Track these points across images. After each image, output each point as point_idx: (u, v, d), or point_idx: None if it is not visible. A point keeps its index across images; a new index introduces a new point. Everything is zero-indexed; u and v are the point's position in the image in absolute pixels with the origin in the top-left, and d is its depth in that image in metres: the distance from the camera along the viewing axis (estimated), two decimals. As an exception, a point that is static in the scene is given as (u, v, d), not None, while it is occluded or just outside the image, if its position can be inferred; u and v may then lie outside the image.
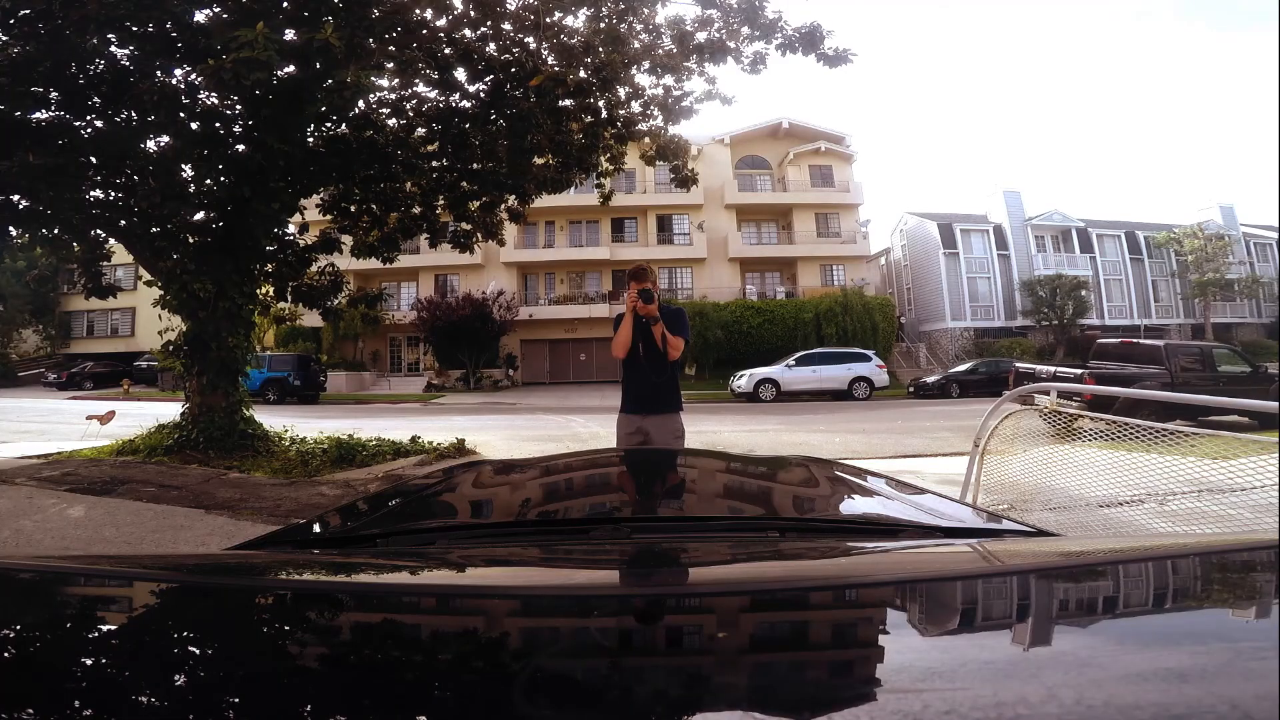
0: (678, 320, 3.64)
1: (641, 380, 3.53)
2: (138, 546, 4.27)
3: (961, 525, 1.25)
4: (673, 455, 2.32)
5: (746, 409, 18.08)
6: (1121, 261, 34.52)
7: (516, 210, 10.55)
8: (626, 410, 3.61)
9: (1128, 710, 0.38)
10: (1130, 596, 0.72)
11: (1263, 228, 36.12)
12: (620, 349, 3.57)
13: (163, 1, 5.79)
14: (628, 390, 3.62)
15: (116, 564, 0.99)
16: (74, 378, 28.08)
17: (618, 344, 3.59)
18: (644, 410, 3.54)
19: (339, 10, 6.13)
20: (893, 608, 0.68)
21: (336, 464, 7.56)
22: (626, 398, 3.63)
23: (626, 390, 3.63)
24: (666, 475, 1.90)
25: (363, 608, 0.72)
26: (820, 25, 7.21)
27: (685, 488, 1.79)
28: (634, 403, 3.58)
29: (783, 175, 31.58)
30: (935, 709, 0.38)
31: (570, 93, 7.63)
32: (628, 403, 3.61)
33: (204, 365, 8.07)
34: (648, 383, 3.52)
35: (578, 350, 30.08)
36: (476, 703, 0.46)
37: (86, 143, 6.94)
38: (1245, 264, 34.33)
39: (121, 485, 5.99)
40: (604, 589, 0.74)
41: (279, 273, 9.38)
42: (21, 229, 7.86)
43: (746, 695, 0.46)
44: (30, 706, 0.42)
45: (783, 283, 30.81)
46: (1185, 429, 3.87)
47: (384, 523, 1.37)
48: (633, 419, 3.55)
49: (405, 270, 27.79)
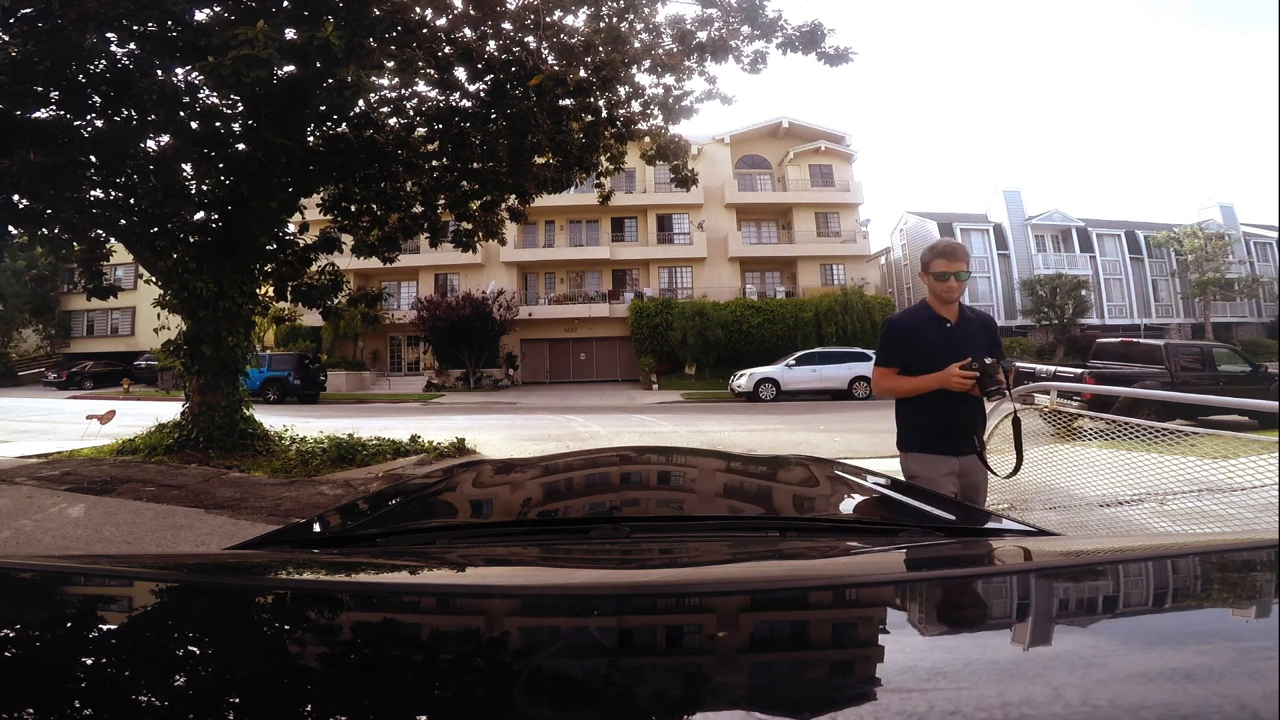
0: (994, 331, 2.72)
1: (953, 408, 2.53)
2: (138, 546, 4.27)
3: (961, 525, 1.25)
4: (672, 455, 2.32)
5: (746, 408, 18.07)
6: (1121, 261, 34.54)
7: (517, 210, 10.55)
8: (933, 448, 2.58)
9: (1134, 710, 0.38)
10: (1131, 596, 0.72)
11: (1263, 227, 36.13)
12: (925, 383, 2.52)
13: (162, 0, 5.78)
14: (930, 420, 2.57)
15: (116, 564, 0.99)
16: (74, 377, 28.07)
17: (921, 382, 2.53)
18: (959, 450, 2.56)
19: (339, 9, 6.12)
20: (893, 607, 0.68)
21: (336, 463, 7.56)
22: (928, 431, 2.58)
23: (923, 419, 2.58)
24: (666, 475, 1.90)
25: (363, 607, 0.72)
26: (821, 24, 7.23)
27: (685, 487, 1.79)
28: (944, 439, 2.56)
29: (783, 175, 31.57)
30: (940, 709, 0.38)
31: (570, 92, 7.63)
32: (933, 439, 2.58)
33: (204, 364, 8.07)
34: (961, 412, 2.55)
35: (578, 350, 30.08)
36: (476, 702, 0.46)
37: (87, 142, 6.94)
38: (1245, 263, 34.34)
39: (121, 485, 5.99)
40: (604, 588, 0.74)
41: (279, 272, 9.39)
42: (21, 228, 7.86)
43: (747, 695, 0.46)
44: (30, 706, 0.41)
45: (783, 282, 30.79)
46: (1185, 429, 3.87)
47: (384, 522, 1.37)
48: (948, 460, 2.55)
49: (405, 270, 27.78)
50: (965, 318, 2.62)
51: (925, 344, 2.57)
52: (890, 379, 2.66)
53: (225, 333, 8.10)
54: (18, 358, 33.44)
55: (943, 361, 2.47)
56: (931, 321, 2.60)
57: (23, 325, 34.46)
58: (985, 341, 2.60)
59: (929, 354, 2.54)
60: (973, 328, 2.61)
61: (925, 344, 2.57)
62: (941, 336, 2.56)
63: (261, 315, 9.87)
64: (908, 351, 2.60)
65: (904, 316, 2.74)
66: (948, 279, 2.52)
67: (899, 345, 2.64)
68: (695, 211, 29.99)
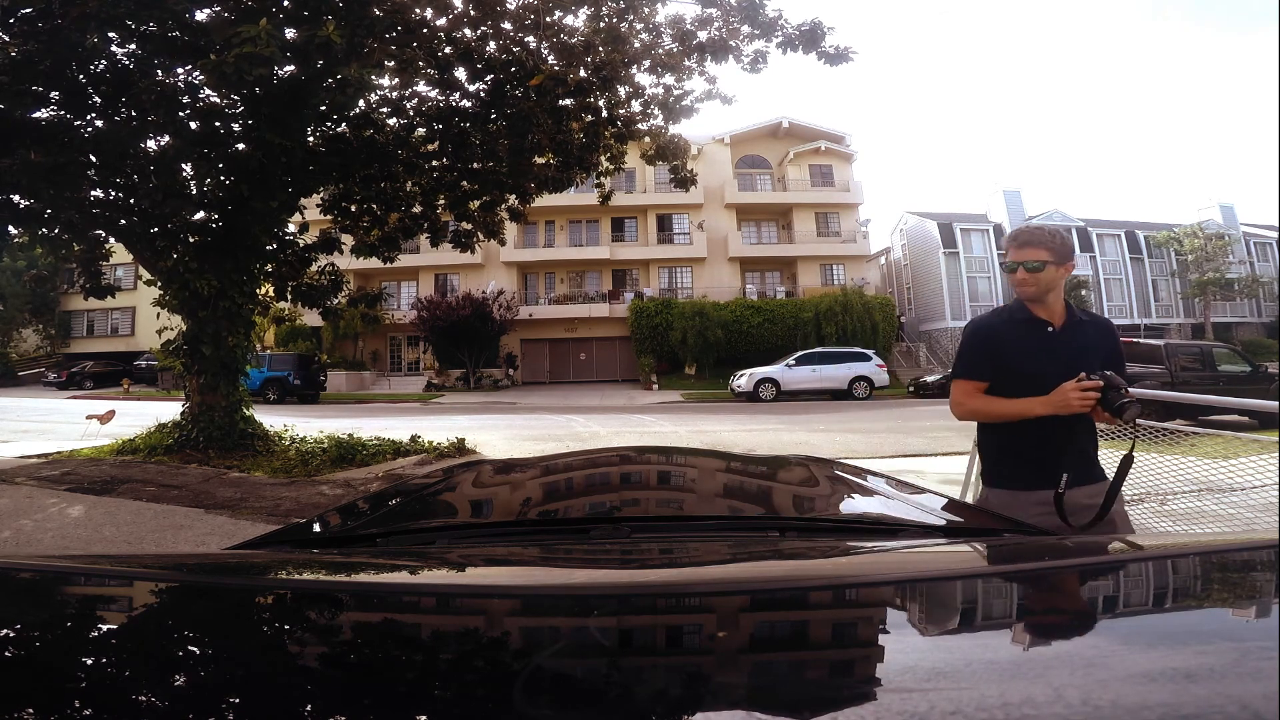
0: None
1: (1060, 430, 1.91)
2: (138, 546, 4.27)
3: (961, 525, 1.25)
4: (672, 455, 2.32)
5: (746, 409, 18.08)
6: (1121, 261, 34.54)
7: (517, 210, 10.56)
8: (1031, 484, 1.96)
9: (1135, 710, 0.38)
10: (1131, 596, 0.72)
11: (1263, 227, 36.15)
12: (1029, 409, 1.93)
13: (163, 0, 5.79)
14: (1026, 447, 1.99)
15: (116, 564, 0.99)
16: (74, 377, 28.08)
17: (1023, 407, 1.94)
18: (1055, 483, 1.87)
19: (339, 9, 6.13)
20: (893, 607, 0.68)
21: (336, 463, 7.56)
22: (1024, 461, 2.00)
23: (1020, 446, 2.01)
24: (666, 475, 1.90)
25: (363, 607, 0.72)
26: (821, 23, 7.22)
27: (685, 487, 1.79)
28: (1043, 470, 1.92)
29: (783, 175, 31.58)
30: (940, 709, 0.38)
31: (570, 92, 7.64)
32: (1031, 471, 1.97)
33: (204, 364, 8.07)
34: (1068, 434, 1.92)
35: (578, 350, 30.09)
36: (476, 702, 0.46)
37: (87, 142, 6.94)
38: (1245, 263, 34.36)
39: (121, 485, 5.99)
40: (604, 588, 0.74)
41: (279, 272, 9.39)
42: (21, 228, 7.87)
43: (747, 695, 0.46)
44: (30, 706, 0.41)
45: (783, 282, 30.80)
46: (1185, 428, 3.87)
47: (384, 522, 1.37)
48: (1040, 495, 1.91)
49: (405, 270, 27.79)
50: (1075, 321, 2.03)
51: (1020, 352, 2.00)
52: (976, 398, 2.07)
53: (225, 333, 8.10)
54: (18, 358, 33.44)
55: (1044, 376, 1.91)
56: (1027, 325, 2.02)
57: (23, 325, 34.47)
58: (1102, 352, 1.97)
59: (1025, 365, 1.98)
60: (1085, 334, 2.01)
61: (1020, 352, 2.00)
62: (1041, 343, 1.99)
63: (261, 315, 9.89)
64: (998, 361, 2.04)
65: (991, 317, 2.16)
66: (1014, 270, 2.01)
67: (985, 353, 2.06)
68: (695, 211, 29.99)
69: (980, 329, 2.12)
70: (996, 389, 2.05)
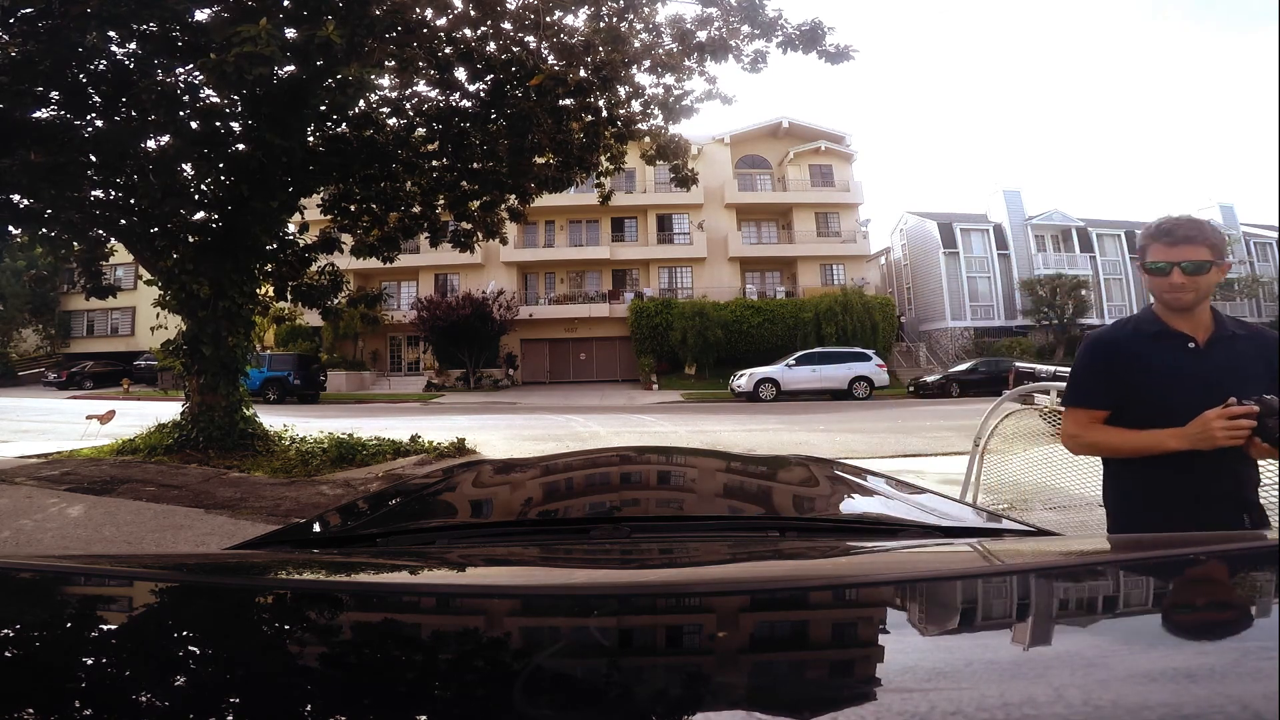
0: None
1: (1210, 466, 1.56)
2: (138, 546, 4.27)
3: (961, 525, 1.25)
4: (672, 455, 2.32)
5: (746, 409, 18.08)
6: (1121, 261, 34.51)
7: (517, 209, 10.56)
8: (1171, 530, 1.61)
9: (1136, 710, 0.38)
10: (1131, 596, 0.72)
11: (1263, 227, 36.13)
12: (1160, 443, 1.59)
13: (163, 0, 5.79)
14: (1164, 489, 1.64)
15: (116, 564, 0.99)
16: (74, 377, 28.07)
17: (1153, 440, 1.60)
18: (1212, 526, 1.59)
19: (339, 9, 6.13)
20: (893, 607, 0.68)
21: (336, 463, 7.56)
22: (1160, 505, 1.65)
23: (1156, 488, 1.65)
24: (666, 475, 1.90)
25: (363, 608, 0.72)
26: (821, 22, 7.23)
27: (685, 487, 1.79)
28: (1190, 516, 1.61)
29: (783, 175, 31.57)
30: (941, 709, 0.38)
31: (570, 92, 7.64)
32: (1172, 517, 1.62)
33: (204, 365, 8.08)
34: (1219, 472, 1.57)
35: (578, 350, 30.08)
36: (476, 702, 0.46)
37: (87, 142, 6.95)
38: (1245, 264, 34.32)
39: (121, 485, 5.99)
40: (604, 588, 0.74)
41: (279, 272, 9.40)
42: (21, 228, 7.87)
43: (747, 695, 0.46)
44: (30, 706, 0.41)
45: (783, 282, 30.80)
46: None
47: (384, 522, 1.37)
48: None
49: (405, 270, 27.77)
50: (1225, 334, 1.62)
51: (1154, 373, 1.63)
52: (1094, 430, 1.71)
53: (225, 333, 8.10)
54: (18, 358, 33.44)
55: (1182, 403, 1.54)
56: (1162, 340, 1.64)
57: (23, 325, 34.47)
58: (1260, 371, 1.56)
59: (1157, 391, 1.61)
60: (1237, 350, 1.60)
61: (1154, 373, 1.63)
62: (1180, 362, 1.61)
63: (261, 315, 9.89)
64: (1122, 385, 1.66)
65: (1114, 331, 1.75)
66: (1167, 272, 1.58)
67: (1105, 376, 1.69)
68: (695, 211, 29.99)
69: (1099, 346, 1.73)
70: (1122, 419, 1.67)
